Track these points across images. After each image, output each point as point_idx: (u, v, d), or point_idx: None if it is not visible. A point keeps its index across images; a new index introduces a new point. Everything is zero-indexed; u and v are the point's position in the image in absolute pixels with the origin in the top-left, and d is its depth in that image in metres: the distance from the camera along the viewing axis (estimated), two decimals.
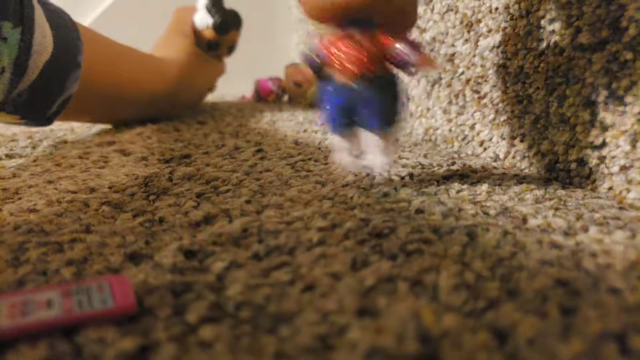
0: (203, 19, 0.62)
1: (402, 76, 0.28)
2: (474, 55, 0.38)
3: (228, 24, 0.62)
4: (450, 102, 0.41)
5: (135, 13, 0.88)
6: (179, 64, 0.57)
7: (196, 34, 0.63)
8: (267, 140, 0.44)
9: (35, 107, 0.40)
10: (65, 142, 0.48)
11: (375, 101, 0.27)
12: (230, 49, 0.68)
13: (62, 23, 0.40)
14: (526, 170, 0.34)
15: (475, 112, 0.38)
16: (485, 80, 0.37)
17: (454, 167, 0.33)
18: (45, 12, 0.38)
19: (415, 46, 0.26)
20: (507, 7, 0.34)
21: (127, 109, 0.54)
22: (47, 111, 0.41)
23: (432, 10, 0.43)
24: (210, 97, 0.75)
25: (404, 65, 0.26)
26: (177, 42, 0.61)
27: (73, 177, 0.35)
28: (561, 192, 0.29)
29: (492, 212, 0.25)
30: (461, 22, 0.39)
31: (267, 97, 0.76)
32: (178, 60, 0.58)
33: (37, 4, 0.37)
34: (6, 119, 0.40)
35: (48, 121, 0.43)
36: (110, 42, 0.50)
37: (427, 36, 0.43)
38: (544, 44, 0.32)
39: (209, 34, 0.62)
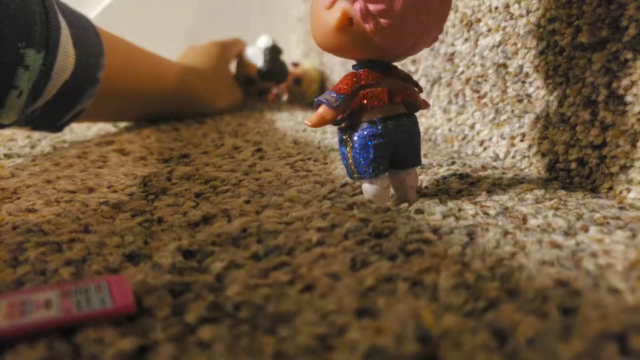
0: (255, 56, 0.66)
1: None
2: (474, 55, 0.38)
3: (273, 75, 0.66)
4: (450, 102, 0.41)
5: (134, 12, 0.88)
6: (201, 72, 0.58)
7: (241, 62, 0.66)
8: (266, 139, 0.44)
9: (47, 121, 0.40)
10: (64, 141, 0.48)
11: (416, 134, 0.27)
12: (261, 92, 0.71)
13: (86, 42, 0.38)
14: (526, 170, 0.34)
15: (475, 111, 0.38)
16: (485, 80, 0.37)
17: (454, 167, 0.33)
18: (71, 30, 0.36)
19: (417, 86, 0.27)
20: (507, 7, 0.34)
21: (140, 110, 0.54)
22: (58, 122, 0.41)
23: None
24: None
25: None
26: (213, 54, 0.61)
27: (72, 176, 0.35)
28: (561, 192, 0.29)
29: (492, 212, 0.25)
30: (461, 21, 0.39)
31: (266, 96, 0.76)
32: (203, 68, 0.58)
33: (64, 23, 0.35)
34: (16, 128, 0.40)
35: (58, 129, 0.43)
36: (131, 49, 0.49)
37: None
38: (544, 44, 0.31)
39: (252, 70, 0.65)
